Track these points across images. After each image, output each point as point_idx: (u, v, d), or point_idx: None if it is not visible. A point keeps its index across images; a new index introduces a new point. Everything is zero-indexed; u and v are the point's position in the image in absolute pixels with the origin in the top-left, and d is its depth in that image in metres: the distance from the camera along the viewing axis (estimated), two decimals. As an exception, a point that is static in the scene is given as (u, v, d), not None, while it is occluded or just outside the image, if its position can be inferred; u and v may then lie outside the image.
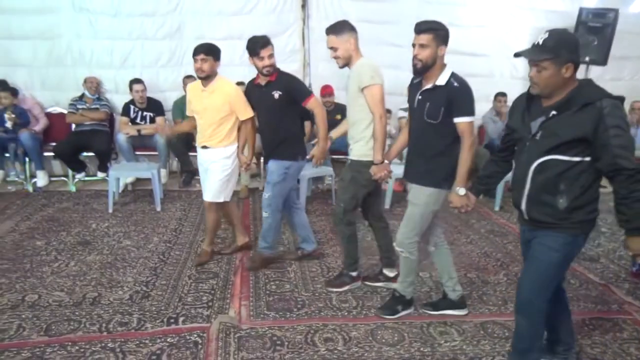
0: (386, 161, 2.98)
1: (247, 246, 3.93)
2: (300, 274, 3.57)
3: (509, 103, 6.03)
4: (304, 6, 6.08)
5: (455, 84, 2.63)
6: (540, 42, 2.00)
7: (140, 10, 5.78)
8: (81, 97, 5.64)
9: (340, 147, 4.86)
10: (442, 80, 2.63)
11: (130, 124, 5.60)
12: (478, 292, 3.36)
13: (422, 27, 2.63)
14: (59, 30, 5.75)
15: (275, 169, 3.43)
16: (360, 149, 3.08)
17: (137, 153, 5.63)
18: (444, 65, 2.67)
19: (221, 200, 3.61)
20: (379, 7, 6.12)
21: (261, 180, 5.84)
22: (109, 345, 2.62)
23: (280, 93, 3.34)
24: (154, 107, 5.73)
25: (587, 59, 5.83)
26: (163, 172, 5.48)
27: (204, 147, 3.57)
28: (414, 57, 2.63)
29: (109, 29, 5.75)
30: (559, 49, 1.97)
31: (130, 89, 5.56)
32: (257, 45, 3.26)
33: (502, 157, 2.43)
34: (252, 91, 3.51)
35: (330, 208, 5.17)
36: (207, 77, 3.43)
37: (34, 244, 3.99)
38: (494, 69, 6.48)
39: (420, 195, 2.77)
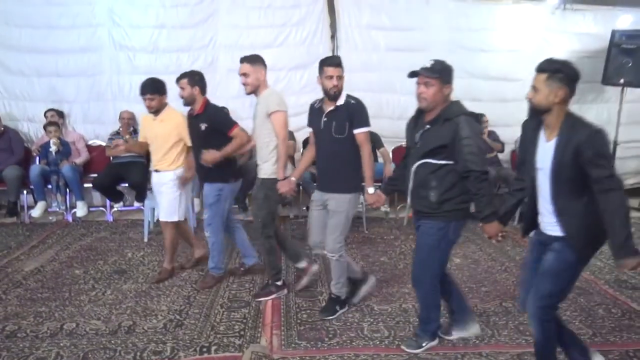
0: (293, 178, 3.38)
1: (205, 258, 4.08)
2: (331, 302, 3.55)
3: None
4: (333, 37, 6.21)
5: (352, 101, 3.13)
6: (429, 66, 2.56)
7: (176, 46, 6.01)
8: (118, 132, 5.86)
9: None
10: (341, 100, 3.11)
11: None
12: (514, 321, 3.26)
13: (337, 61, 3.13)
14: (101, 68, 6.03)
15: (209, 192, 3.70)
16: (269, 168, 3.44)
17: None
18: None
19: (175, 219, 3.90)
20: (409, 36, 6.18)
21: (291, 208, 5.88)
22: (142, 373, 2.66)
23: (206, 125, 3.60)
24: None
25: (621, 81, 5.71)
26: (196, 201, 5.59)
27: (156, 170, 3.87)
28: (335, 86, 3.07)
29: (146, 64, 6.00)
30: (443, 72, 2.57)
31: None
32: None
33: (404, 164, 2.90)
34: (189, 120, 3.76)
35: (360, 236, 5.15)
36: (157, 112, 3.78)
37: (73, 273, 4.11)
38: (526, 93, 6.41)
39: (343, 203, 3.16)
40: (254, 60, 3.40)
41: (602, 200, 2.11)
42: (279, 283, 3.65)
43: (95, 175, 5.78)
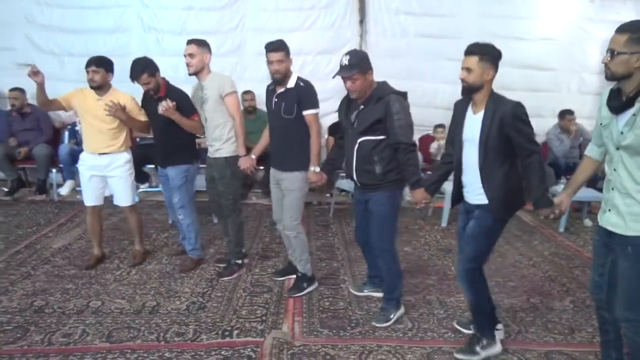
0: (253, 156, 3.53)
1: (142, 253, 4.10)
2: (354, 291, 3.52)
3: (578, 120, 5.79)
4: (361, 22, 6.10)
5: (302, 84, 3.24)
6: (347, 63, 2.76)
7: (204, 29, 5.97)
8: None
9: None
10: (291, 83, 3.22)
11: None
12: (542, 318, 3.19)
13: (275, 46, 3.17)
14: (129, 49, 6.04)
15: (176, 175, 3.74)
16: (231, 147, 3.58)
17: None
18: (291, 73, 3.24)
19: (134, 202, 3.91)
20: (439, 22, 6.03)
21: (315, 195, 5.85)
22: (165, 354, 2.68)
23: (174, 103, 3.55)
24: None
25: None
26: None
27: (103, 153, 3.70)
28: (276, 71, 3.16)
29: (174, 47, 5.97)
30: (361, 64, 2.77)
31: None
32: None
33: (341, 144, 3.16)
34: (149, 102, 3.72)
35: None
36: (99, 87, 3.63)
37: (99, 252, 4.16)
38: (560, 83, 6.23)
39: (295, 181, 3.30)
40: (201, 43, 3.49)
41: (524, 163, 2.43)
42: (239, 262, 3.79)
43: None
